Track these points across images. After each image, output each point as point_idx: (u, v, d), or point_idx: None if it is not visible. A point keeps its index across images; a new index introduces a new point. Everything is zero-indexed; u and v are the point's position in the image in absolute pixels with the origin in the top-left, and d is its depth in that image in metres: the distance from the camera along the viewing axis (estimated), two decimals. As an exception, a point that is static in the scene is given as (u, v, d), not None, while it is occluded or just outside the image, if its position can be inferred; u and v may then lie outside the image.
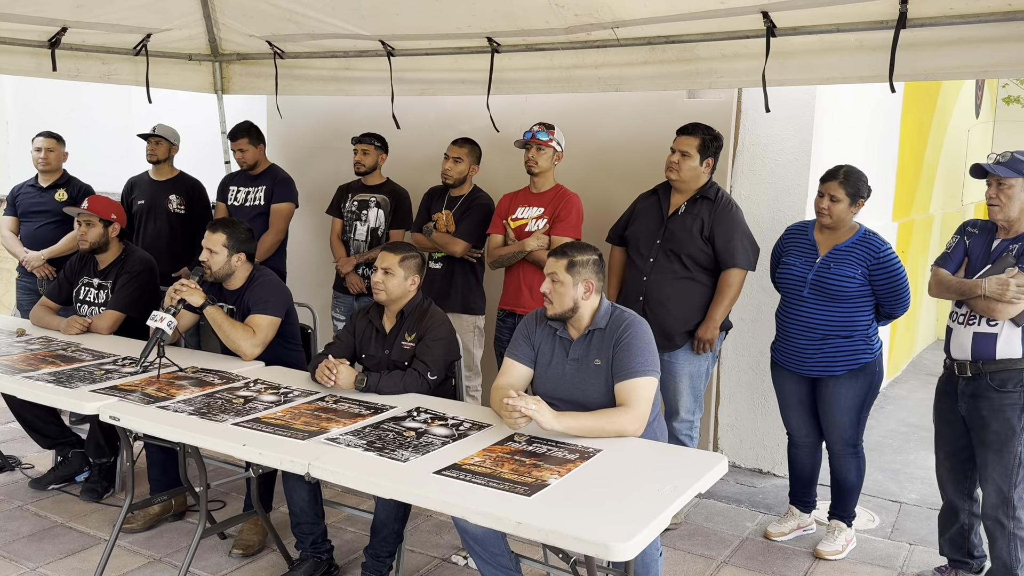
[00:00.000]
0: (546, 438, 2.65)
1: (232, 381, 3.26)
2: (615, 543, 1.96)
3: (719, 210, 3.68)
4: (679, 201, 3.76)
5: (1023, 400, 3.05)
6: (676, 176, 3.71)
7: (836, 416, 3.53)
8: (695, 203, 3.72)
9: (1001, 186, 3.02)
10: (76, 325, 3.92)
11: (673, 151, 3.73)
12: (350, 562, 3.46)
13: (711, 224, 3.66)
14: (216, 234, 3.59)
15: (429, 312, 3.35)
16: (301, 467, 2.45)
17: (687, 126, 3.76)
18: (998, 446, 3.07)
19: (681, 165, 3.69)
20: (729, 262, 3.65)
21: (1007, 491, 3.08)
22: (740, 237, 3.68)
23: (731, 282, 3.66)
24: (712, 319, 3.67)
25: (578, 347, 2.89)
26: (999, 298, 2.97)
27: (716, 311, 3.67)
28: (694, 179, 3.72)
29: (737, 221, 3.70)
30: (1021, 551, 3.09)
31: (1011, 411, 3.05)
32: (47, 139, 5.13)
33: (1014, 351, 3.03)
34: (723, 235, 3.65)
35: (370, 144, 4.77)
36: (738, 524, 3.95)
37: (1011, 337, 3.04)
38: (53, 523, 3.78)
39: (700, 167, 3.70)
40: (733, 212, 3.71)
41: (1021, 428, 3.05)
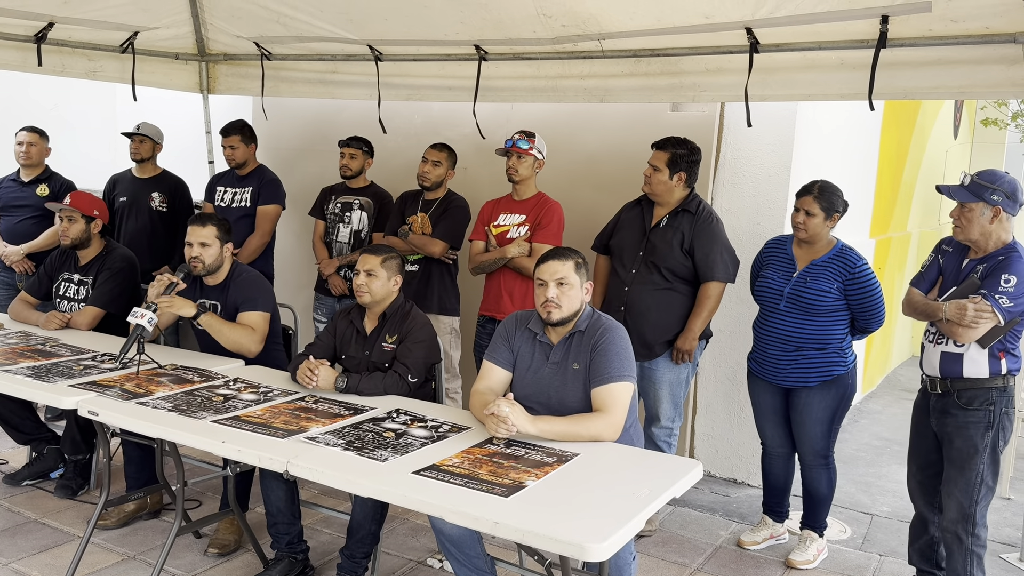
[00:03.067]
0: (524, 441, 2.67)
1: (212, 379, 3.26)
2: (590, 544, 1.99)
3: (700, 224, 3.73)
4: (661, 213, 3.82)
5: (987, 419, 3.10)
6: (649, 189, 3.80)
7: (808, 427, 3.59)
8: (676, 216, 3.78)
9: (963, 208, 3.09)
10: (55, 320, 3.90)
11: (648, 164, 3.80)
12: (326, 563, 3.47)
13: (691, 237, 3.71)
14: (207, 227, 3.59)
15: (411, 314, 3.37)
16: (280, 465, 2.46)
17: (659, 140, 3.83)
18: (961, 463, 3.13)
19: (652, 179, 3.77)
20: (708, 275, 3.71)
21: (968, 507, 3.13)
22: (720, 251, 3.73)
23: (710, 294, 3.72)
24: (691, 330, 3.72)
25: (558, 351, 2.92)
26: (958, 322, 3.01)
27: (695, 322, 3.72)
28: (666, 192, 3.77)
29: (717, 235, 3.76)
30: (977, 568, 3.13)
31: (974, 429, 3.11)
32: (29, 133, 5.11)
33: (980, 371, 3.09)
34: (703, 248, 3.70)
35: (358, 148, 4.79)
36: (712, 532, 3.99)
37: (977, 357, 3.09)
38: (27, 519, 3.75)
39: (671, 181, 3.75)
40: (713, 225, 3.76)
41: (984, 447, 3.10)
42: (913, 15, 3.26)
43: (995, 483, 3.12)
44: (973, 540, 3.12)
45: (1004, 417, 3.07)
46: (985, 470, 3.10)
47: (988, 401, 3.09)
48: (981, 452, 3.10)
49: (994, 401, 3.09)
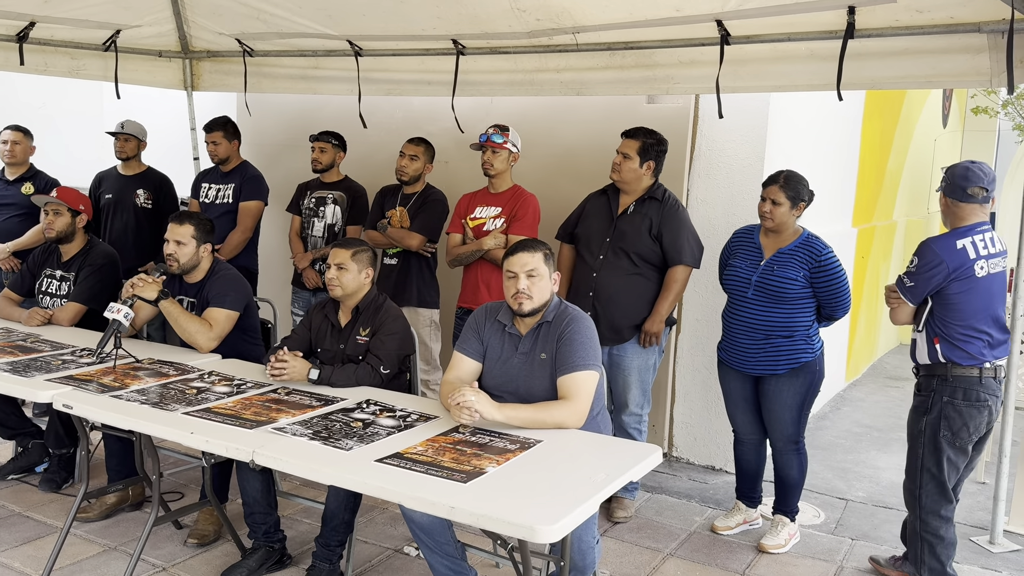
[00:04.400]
0: (490, 429, 2.72)
1: (187, 372, 3.31)
2: (541, 526, 2.04)
3: (667, 210, 3.82)
4: (627, 201, 3.89)
5: (925, 405, 3.16)
6: (618, 177, 3.87)
7: (778, 413, 3.64)
8: (643, 203, 3.85)
9: None
10: (37, 317, 3.95)
11: (617, 152, 3.85)
12: (303, 552, 3.52)
13: (659, 223, 3.79)
14: (184, 226, 3.63)
15: (384, 307, 3.42)
16: (246, 454, 2.51)
17: (630, 130, 3.91)
18: (908, 446, 3.20)
19: (622, 167, 3.84)
20: (676, 259, 3.79)
21: (914, 492, 3.19)
22: (687, 236, 3.82)
23: (677, 278, 3.81)
24: (658, 313, 3.80)
25: (526, 341, 2.97)
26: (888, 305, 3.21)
27: (662, 305, 3.80)
28: (635, 180, 3.85)
29: (684, 221, 3.85)
30: (929, 556, 3.18)
31: (915, 415, 3.20)
32: (13, 132, 5.16)
33: (923, 357, 3.17)
34: (671, 234, 3.78)
35: (327, 142, 4.84)
36: (687, 518, 4.04)
37: (921, 344, 3.18)
38: (10, 512, 3.81)
39: (640, 169, 3.83)
40: (680, 212, 3.85)
41: (920, 432, 3.16)
42: (879, 5, 3.29)
43: (943, 472, 3.13)
44: (922, 526, 3.18)
45: (948, 406, 3.10)
46: (926, 457, 3.14)
47: (928, 388, 3.15)
48: (918, 438, 3.16)
49: (934, 388, 3.13)
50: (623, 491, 3.95)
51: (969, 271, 3.04)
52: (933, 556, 3.17)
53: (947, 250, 3.07)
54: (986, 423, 3.11)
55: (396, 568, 3.46)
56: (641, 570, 3.51)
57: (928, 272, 3.09)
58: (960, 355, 3.08)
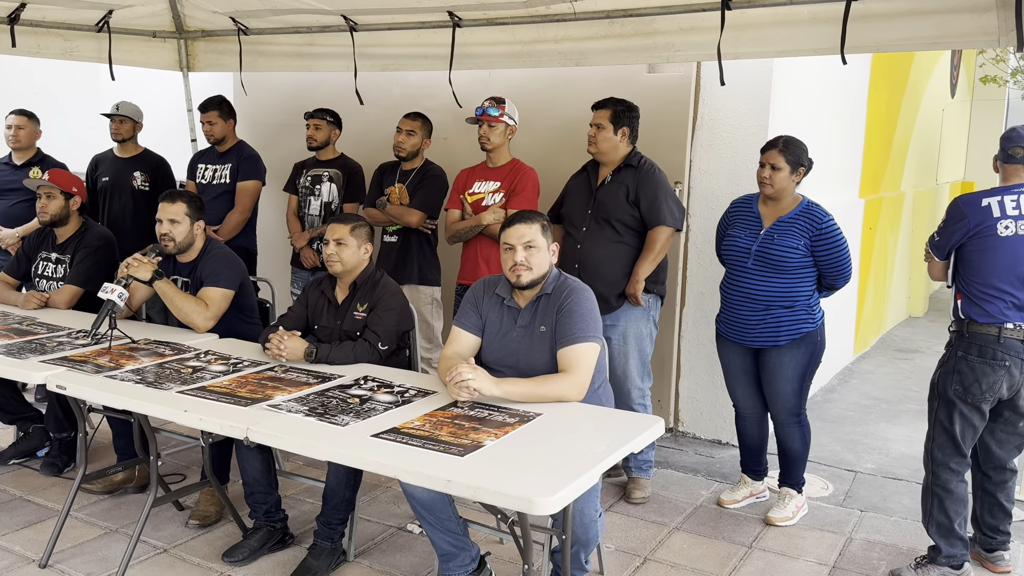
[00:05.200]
0: (489, 403, 2.68)
1: (183, 352, 3.27)
2: (538, 498, 1.99)
3: (642, 174, 3.77)
4: (605, 173, 3.87)
5: (942, 360, 3.14)
6: (595, 148, 3.83)
7: (779, 386, 3.58)
8: (620, 172, 3.82)
9: None
10: (33, 300, 3.92)
11: (591, 126, 3.81)
12: (305, 531, 3.49)
13: (636, 188, 3.75)
14: (176, 204, 3.58)
15: (381, 283, 3.37)
16: (240, 432, 2.47)
17: (600, 101, 3.87)
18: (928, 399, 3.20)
19: (597, 137, 3.79)
20: (654, 221, 3.73)
21: (927, 444, 3.16)
22: (664, 197, 3.75)
23: (655, 239, 3.74)
24: (636, 274, 3.74)
25: (525, 314, 2.92)
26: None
27: (640, 267, 3.74)
28: (612, 150, 3.80)
29: (660, 182, 3.79)
30: (938, 511, 3.14)
31: (937, 370, 3.16)
32: (18, 116, 5.11)
33: (952, 313, 3.15)
34: (647, 196, 3.73)
35: (322, 119, 4.79)
36: (693, 492, 4.00)
37: (951, 299, 3.16)
38: (12, 496, 3.79)
39: (615, 137, 3.79)
40: (656, 175, 3.80)
41: (935, 384, 3.13)
42: (883, -35, 3.21)
43: (954, 426, 3.08)
44: (932, 479, 3.15)
45: (961, 361, 3.04)
46: (939, 409, 3.12)
47: (949, 343, 3.14)
48: (933, 390, 3.15)
49: (952, 343, 3.11)
50: (639, 471, 3.89)
51: (990, 229, 2.99)
52: (942, 511, 3.13)
53: (971, 206, 3.03)
54: (1006, 385, 3.01)
55: (399, 546, 3.43)
56: (647, 544, 3.47)
57: (951, 227, 3.07)
58: (978, 312, 3.01)
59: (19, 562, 3.21)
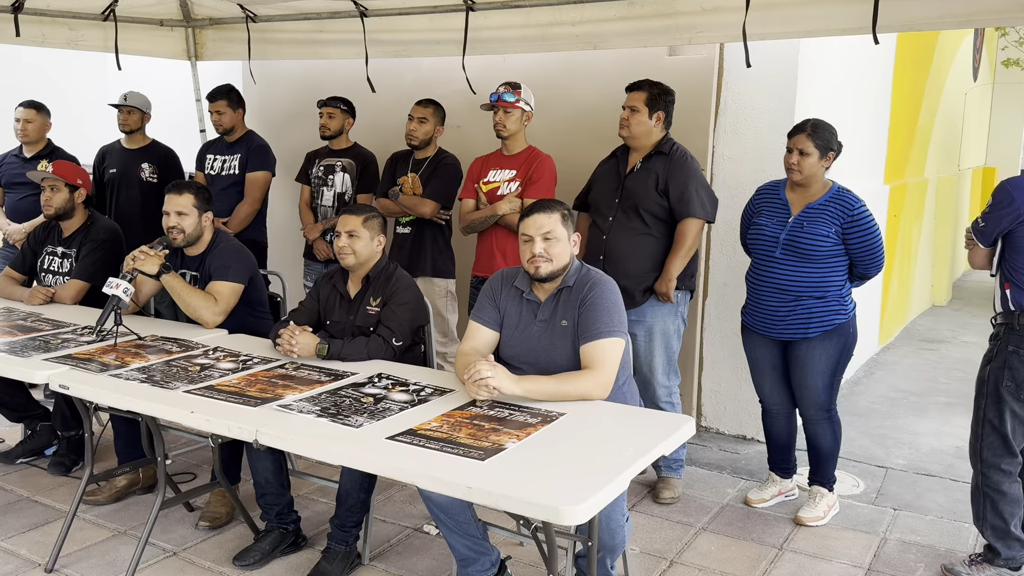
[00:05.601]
0: (509, 403, 2.55)
1: (191, 349, 3.16)
2: (566, 507, 1.87)
3: (673, 162, 3.60)
4: (635, 159, 3.70)
5: (991, 354, 2.98)
6: (627, 132, 3.65)
7: (809, 380, 3.44)
8: (651, 159, 3.65)
9: None
10: (39, 295, 3.82)
11: (624, 108, 3.64)
12: (319, 533, 3.39)
13: (666, 177, 3.58)
14: (183, 195, 3.48)
15: (395, 276, 3.25)
16: (249, 434, 2.36)
17: (635, 82, 3.69)
18: (974, 396, 3.04)
19: (630, 121, 3.62)
20: (684, 212, 3.56)
21: (976, 444, 3.02)
22: (695, 187, 3.58)
23: (686, 232, 3.57)
24: (667, 271, 3.58)
25: (546, 308, 2.79)
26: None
27: (672, 262, 3.58)
28: (645, 135, 3.64)
29: (692, 171, 3.61)
30: (991, 512, 3.00)
31: (983, 363, 3.01)
32: (27, 109, 5.01)
33: (997, 303, 3.00)
34: (677, 186, 3.56)
35: (335, 107, 4.67)
36: (719, 491, 3.87)
37: (996, 289, 3.00)
38: (19, 497, 3.70)
39: (650, 121, 3.62)
40: (688, 163, 3.62)
41: (984, 381, 2.97)
42: (918, -61, 3.06)
43: (1004, 425, 2.93)
44: (983, 480, 3.00)
45: (1013, 356, 2.88)
46: (988, 408, 2.96)
47: (995, 335, 2.98)
48: (981, 388, 2.99)
49: (1000, 335, 2.95)
50: (668, 470, 3.74)
51: None
52: (996, 513, 2.99)
53: (1020, 189, 2.87)
54: None
55: (416, 548, 3.32)
56: (672, 546, 3.34)
57: (999, 212, 2.90)
58: None
59: (25, 566, 3.11)
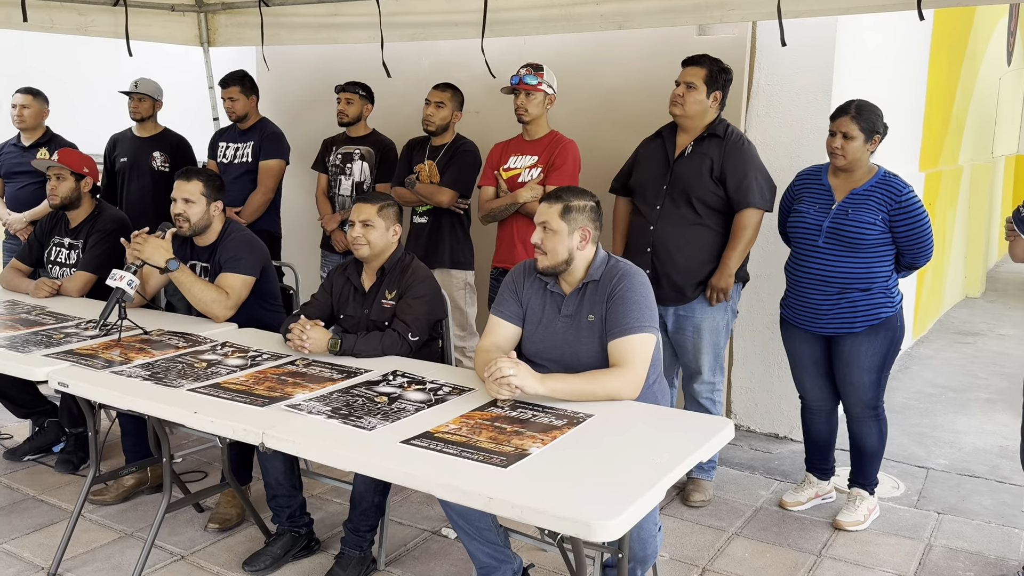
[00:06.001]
0: (532, 403, 2.38)
1: (199, 344, 3.02)
2: (598, 521, 1.69)
3: (730, 147, 3.36)
4: (685, 141, 3.45)
5: None
6: (681, 111, 3.40)
7: (855, 377, 3.24)
8: (703, 141, 3.41)
9: None
10: (44, 288, 3.69)
11: (678, 83, 3.41)
12: (333, 536, 3.25)
13: (721, 163, 3.34)
14: (191, 182, 3.34)
15: (411, 267, 3.08)
16: (255, 436, 2.20)
17: (693, 56, 3.44)
18: None
19: (686, 98, 3.37)
20: (743, 202, 3.34)
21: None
22: (755, 174, 3.36)
23: (746, 224, 3.35)
24: (726, 265, 3.37)
25: (571, 302, 2.62)
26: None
27: (731, 256, 3.37)
28: (700, 115, 3.40)
29: (750, 157, 3.38)
30: None
31: None
32: (23, 95, 4.89)
33: None
34: (735, 173, 3.33)
35: (354, 93, 4.51)
36: (752, 493, 3.68)
37: None
38: (24, 496, 3.58)
39: (707, 101, 3.38)
40: (745, 148, 3.39)
41: None
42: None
43: None
44: None
45: None
46: None
47: None
48: None
49: None
50: (699, 471, 3.54)
51: None
52: None
53: None
54: None
55: (433, 553, 3.16)
56: (704, 552, 3.17)
57: None
58: None
59: (27, 570, 2.99)
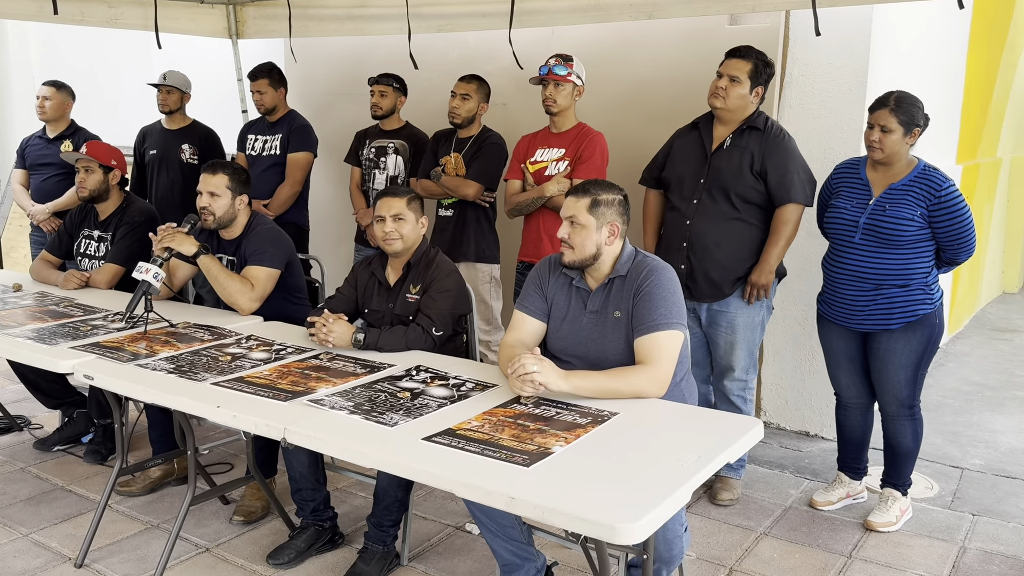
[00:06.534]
0: (556, 400, 2.35)
1: (224, 337, 3.02)
2: (622, 524, 1.66)
3: (770, 140, 3.28)
4: (723, 133, 3.37)
5: None
6: (722, 104, 3.31)
7: (891, 374, 3.17)
8: (742, 134, 3.33)
9: None
10: (73, 280, 3.72)
11: (720, 75, 3.33)
12: (357, 529, 3.24)
13: (762, 156, 3.27)
14: (217, 175, 3.34)
15: (436, 262, 3.06)
16: (276, 431, 2.19)
17: (739, 48, 3.34)
18: None
19: (729, 92, 3.29)
20: (784, 197, 3.27)
21: None
22: (796, 169, 3.29)
23: (787, 219, 3.28)
24: (767, 261, 3.30)
25: (597, 298, 2.58)
26: None
27: (771, 252, 3.30)
28: (741, 108, 3.32)
29: (791, 151, 3.31)
30: None
31: None
32: (47, 87, 4.93)
33: None
34: (776, 168, 3.26)
35: (387, 85, 4.49)
36: (781, 492, 3.62)
37: None
38: (53, 486, 3.62)
39: (749, 95, 3.30)
40: (786, 142, 3.32)
41: None
42: None
43: None
44: None
45: None
46: None
47: None
48: None
49: None
50: (728, 469, 3.47)
51: None
52: None
53: None
54: None
55: (457, 548, 3.14)
56: (732, 552, 3.12)
57: None
58: None
59: (54, 560, 3.02)
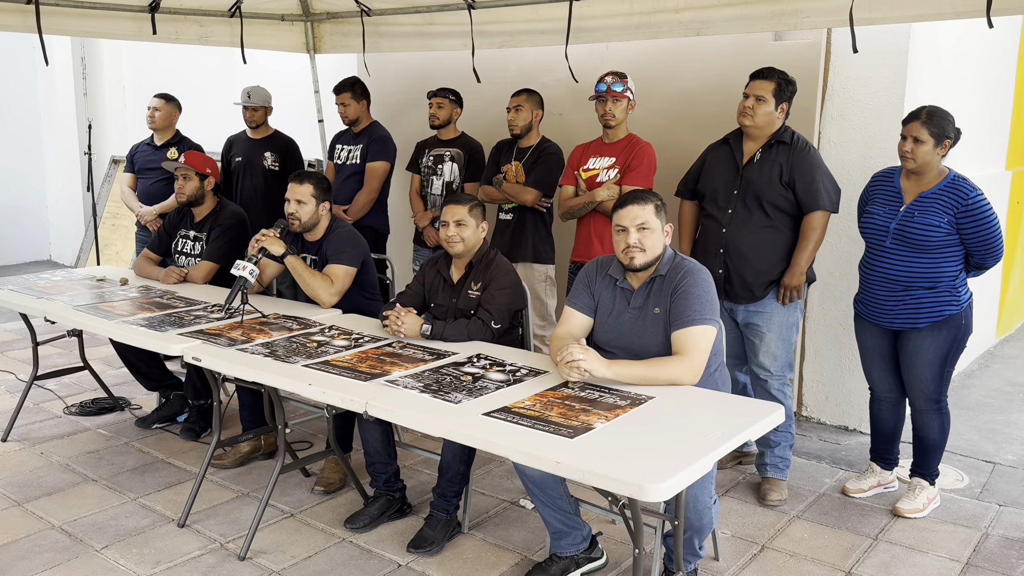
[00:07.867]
0: (600, 385, 2.66)
1: (309, 327, 3.41)
2: (649, 484, 1.97)
3: (797, 153, 3.54)
4: (753, 148, 3.64)
5: None
6: (751, 122, 3.59)
7: (918, 370, 3.39)
8: (771, 148, 3.59)
9: None
10: (173, 275, 4.17)
11: (747, 96, 3.61)
12: (423, 502, 3.59)
13: (790, 168, 3.53)
14: (304, 185, 3.72)
15: (495, 262, 3.40)
16: (359, 406, 2.56)
17: (762, 70, 3.62)
18: None
19: (756, 110, 3.56)
20: (812, 205, 3.52)
21: None
22: (821, 178, 3.54)
23: (815, 225, 3.53)
24: (797, 264, 3.55)
25: (639, 296, 2.88)
26: None
27: (801, 256, 3.55)
28: (768, 125, 3.59)
29: (816, 163, 3.57)
30: None
31: None
32: (157, 99, 5.42)
33: None
34: (804, 178, 3.51)
35: (444, 98, 4.83)
36: (816, 480, 3.86)
37: None
38: (154, 459, 4.07)
39: (775, 112, 3.56)
40: (812, 154, 3.57)
41: None
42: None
43: None
44: None
45: None
46: None
47: None
48: None
49: None
50: (775, 470, 3.69)
51: None
52: None
53: None
54: None
55: (511, 520, 3.48)
56: (765, 531, 3.38)
57: None
58: None
59: (160, 521, 3.45)
